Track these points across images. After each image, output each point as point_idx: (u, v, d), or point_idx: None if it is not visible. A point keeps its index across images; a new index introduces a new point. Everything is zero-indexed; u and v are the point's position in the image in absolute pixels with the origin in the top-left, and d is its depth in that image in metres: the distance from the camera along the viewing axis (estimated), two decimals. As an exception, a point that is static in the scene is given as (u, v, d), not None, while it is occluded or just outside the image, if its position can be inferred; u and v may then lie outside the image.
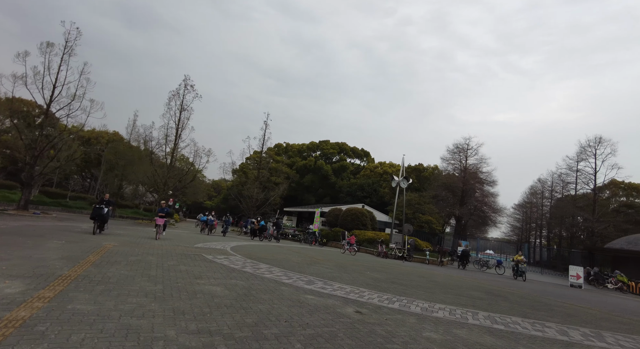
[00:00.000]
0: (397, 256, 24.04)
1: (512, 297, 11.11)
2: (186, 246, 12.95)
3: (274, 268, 10.02)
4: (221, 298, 5.77)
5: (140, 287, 5.79)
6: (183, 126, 30.88)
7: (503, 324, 6.57)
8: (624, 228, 35.17)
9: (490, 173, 41.94)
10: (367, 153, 71.62)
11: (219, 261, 9.94)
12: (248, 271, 8.90)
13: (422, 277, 13.55)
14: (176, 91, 30.68)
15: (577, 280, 21.37)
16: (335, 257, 17.70)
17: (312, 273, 10.01)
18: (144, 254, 9.59)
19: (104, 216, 13.45)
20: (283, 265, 11.10)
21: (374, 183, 53.69)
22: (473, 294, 10.50)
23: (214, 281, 7.06)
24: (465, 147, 43.47)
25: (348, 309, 6.11)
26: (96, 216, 13.31)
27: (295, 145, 70.17)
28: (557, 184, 52.29)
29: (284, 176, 47.68)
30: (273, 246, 20.14)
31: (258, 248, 16.83)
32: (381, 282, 10.24)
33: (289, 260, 12.91)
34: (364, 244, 28.03)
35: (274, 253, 14.85)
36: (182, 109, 30.90)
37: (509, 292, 12.60)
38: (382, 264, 17.78)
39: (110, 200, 14.44)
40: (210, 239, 18.92)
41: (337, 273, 10.99)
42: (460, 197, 41.36)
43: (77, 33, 21.30)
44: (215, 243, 16.47)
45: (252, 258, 11.67)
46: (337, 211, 35.02)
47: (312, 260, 14.31)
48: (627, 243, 28.53)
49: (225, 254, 11.98)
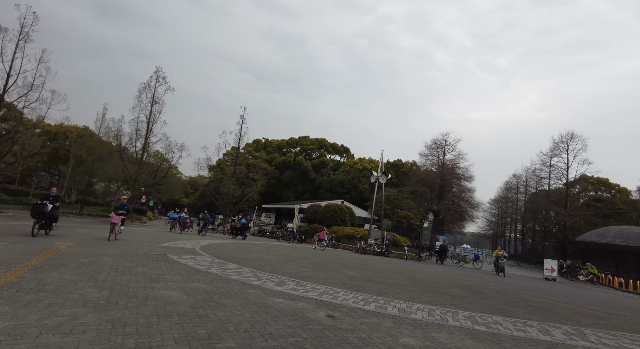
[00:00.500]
0: (376, 252, 23.78)
1: (490, 293, 10.89)
2: (151, 246, 12.11)
3: (243, 268, 9.38)
4: (175, 304, 5.12)
5: (81, 294, 5.06)
6: (155, 120, 29.65)
7: (484, 325, 6.19)
8: (593, 222, 36.27)
9: (468, 169, 42.45)
10: (347, 149, 71.45)
11: (184, 262, 9.21)
12: (214, 272, 8.23)
13: (400, 274, 13.20)
14: (147, 83, 29.40)
15: (551, 273, 21.68)
16: (312, 254, 17.18)
17: (285, 273, 9.43)
18: (100, 255, 8.76)
19: (46, 213, 11.07)
20: (254, 264, 10.47)
21: (354, 179, 53.51)
22: (452, 291, 10.19)
23: (172, 285, 6.37)
24: (443, 142, 43.75)
25: (319, 314, 5.58)
26: (37, 213, 10.92)
27: (274, 141, 69.21)
28: (532, 179, 53.61)
29: (262, 172, 46.84)
30: (248, 244, 19.44)
31: (230, 246, 16.10)
32: (358, 281, 9.77)
33: (262, 258, 12.28)
34: (342, 240, 27.66)
35: (246, 252, 14.17)
36: (154, 102, 29.61)
37: (487, 288, 12.42)
38: (360, 260, 17.40)
39: (57, 195, 12.09)
40: (182, 237, 18.05)
41: (312, 271, 10.46)
42: (438, 192, 41.64)
43: (34, 18, 19.85)
44: (185, 242, 15.64)
45: (221, 258, 10.98)
46: (316, 208, 34.54)
47: (287, 258, 13.73)
48: (597, 236, 29.33)
49: (192, 254, 11.24)
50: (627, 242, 26.85)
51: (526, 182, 58.82)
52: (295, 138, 68.29)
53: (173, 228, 23.28)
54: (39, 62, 19.64)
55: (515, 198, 65.53)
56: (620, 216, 40.55)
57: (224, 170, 44.90)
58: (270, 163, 60.76)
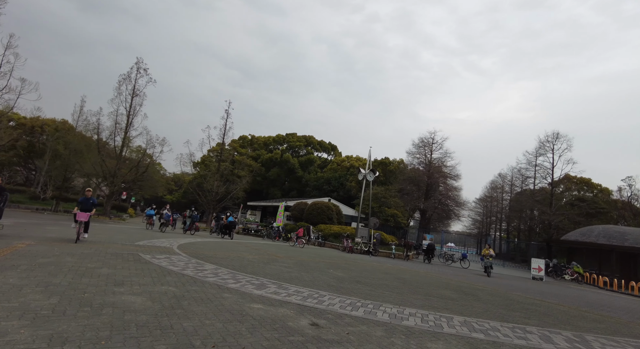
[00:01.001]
0: (363, 251, 23.31)
1: (483, 295, 10.46)
2: (124, 245, 11.29)
3: (221, 269, 8.69)
4: (136, 313, 4.43)
5: (23, 303, 4.32)
6: (135, 113, 28.47)
7: (482, 332, 5.68)
8: (577, 221, 36.64)
9: (455, 167, 42.39)
10: (334, 147, 70.91)
11: (156, 262, 8.48)
12: (188, 274, 7.53)
13: (388, 274, 12.70)
14: (127, 75, 28.16)
15: (538, 272, 21.58)
16: (297, 254, 16.56)
17: (267, 274, 8.79)
18: (63, 254, 7.96)
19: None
20: (234, 264, 9.79)
21: (341, 176, 53.04)
22: (444, 293, 9.72)
23: (137, 289, 5.67)
24: (430, 140, 43.61)
25: (302, 322, 4.97)
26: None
27: (261, 138, 68.17)
28: (517, 178, 54.10)
29: (248, 169, 45.92)
30: (230, 243, 18.68)
31: (211, 245, 15.34)
32: (345, 282, 9.20)
33: (243, 258, 11.59)
34: (329, 238, 27.12)
35: (228, 251, 13.46)
36: (134, 94, 28.43)
37: (478, 289, 12.02)
38: (348, 260, 16.87)
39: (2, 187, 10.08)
40: (162, 236, 17.18)
41: (296, 272, 9.84)
42: (425, 191, 41.52)
43: (1, 0, 18.57)
44: (164, 240, 14.81)
45: (199, 258, 10.25)
46: (303, 205, 33.90)
47: (271, 257, 13.08)
48: (581, 235, 29.53)
49: (168, 253, 10.48)
50: (610, 241, 27.06)
51: (511, 181, 59.41)
52: (283, 135, 67.39)
53: (150, 226, 21.54)
54: (7, 48, 18.42)
55: (501, 198, 66.19)
56: (602, 215, 41.16)
57: (208, 167, 43.82)
58: (256, 160, 59.75)
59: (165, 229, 21.37)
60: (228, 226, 22.22)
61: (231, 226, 22.22)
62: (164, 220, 21.50)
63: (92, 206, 10.87)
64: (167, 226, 21.60)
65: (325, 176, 55.42)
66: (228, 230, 22.16)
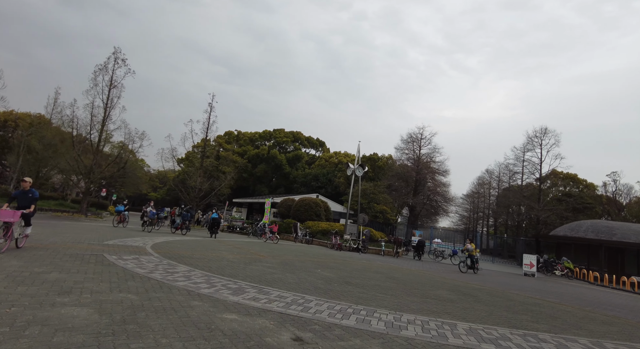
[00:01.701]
0: (352, 248, 22.58)
1: (482, 295, 9.79)
2: (91, 244, 10.22)
3: (195, 271, 7.77)
4: (72, 331, 3.51)
5: None
6: (113, 105, 27.01)
7: (492, 342, 4.92)
8: (565, 216, 36.67)
9: (444, 163, 42.03)
10: (322, 143, 70.07)
11: (121, 264, 7.49)
12: (155, 277, 6.59)
13: (379, 273, 11.94)
14: (104, 65, 26.68)
15: (530, 268, 21.20)
16: (282, 252, 15.68)
17: (247, 276, 7.90)
18: (7, 257, 6.91)
19: None
20: (211, 266, 8.86)
21: (329, 173, 52.25)
22: (441, 294, 8.99)
23: (86, 299, 4.72)
24: (419, 136, 43.15)
25: (283, 336, 4.11)
26: None
27: (247, 133, 66.83)
28: (505, 174, 54.17)
29: (233, 165, 44.72)
30: (212, 242, 17.65)
31: (189, 244, 14.32)
32: (333, 283, 8.38)
33: (223, 258, 10.66)
34: (317, 235, 26.31)
35: (207, 250, 12.49)
36: (112, 86, 26.99)
37: (475, 288, 11.37)
38: (336, 258, 16.08)
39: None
40: (137, 234, 16.04)
41: (280, 273, 8.97)
42: (414, 187, 41.08)
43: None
44: (138, 239, 13.74)
45: (172, 258, 9.29)
46: (290, 202, 32.98)
47: (254, 257, 12.17)
48: (570, 230, 29.43)
49: (138, 253, 9.48)
50: (598, 236, 26.98)
51: (499, 177, 59.58)
52: (270, 130, 66.18)
53: (121, 223, 19.54)
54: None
55: (488, 193, 66.49)
56: (588, 210, 41.41)
57: (192, 163, 42.47)
58: (242, 156, 58.43)
59: (151, 229, 19.27)
60: (212, 224, 20.62)
61: (215, 224, 20.59)
62: (148, 218, 19.30)
63: (30, 202, 8.00)
64: (151, 226, 19.39)
65: (313, 173, 54.56)
66: (212, 228, 20.62)
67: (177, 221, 19.91)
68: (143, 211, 19.99)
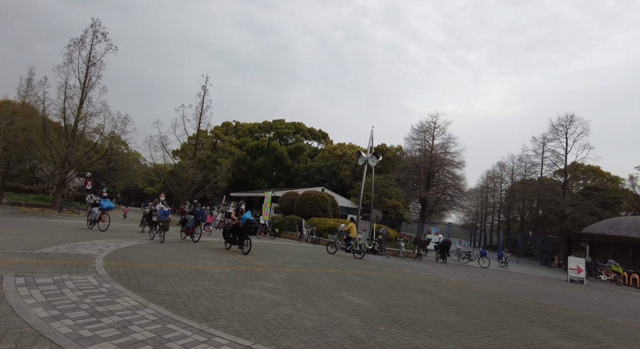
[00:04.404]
0: (367, 250, 19.38)
1: (583, 329, 6.54)
2: (12, 254, 6.97)
3: (147, 308, 4.50)
4: None
5: None
6: (92, 85, 23.68)
7: None
8: (594, 212, 33.42)
9: (459, 154, 38.58)
10: (325, 134, 66.75)
11: (13, 300, 4.24)
12: (56, 331, 3.33)
13: (426, 293, 8.70)
14: (81, 39, 23.29)
15: (577, 273, 17.98)
16: (287, 258, 12.44)
17: (235, 316, 4.65)
18: None
19: None
20: (179, 291, 5.58)
21: (333, 165, 48.95)
22: (524, 328, 5.76)
23: None
24: (432, 125, 39.77)
25: None
26: None
27: (246, 125, 63.46)
28: (520, 167, 50.92)
29: (231, 157, 41.44)
30: (196, 245, 14.45)
31: (164, 250, 11.09)
32: (375, 323, 5.16)
33: (204, 274, 7.38)
34: (324, 234, 23.11)
35: (184, 260, 9.26)
36: (91, 63, 23.63)
37: (557, 312, 8.13)
38: (356, 266, 12.87)
39: None
40: (104, 236, 12.79)
41: (288, 304, 5.72)
42: (427, 179, 37.84)
43: None
44: (101, 241, 10.51)
45: (123, 277, 6.03)
46: (293, 196, 29.77)
47: (248, 269, 8.94)
48: (608, 228, 26.22)
49: (75, 270, 6.22)
50: (643, 234, 23.80)
51: (512, 170, 56.39)
52: (269, 121, 62.76)
53: (93, 224, 13.85)
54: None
55: (500, 188, 63.35)
56: (616, 206, 38.19)
57: (187, 155, 39.18)
58: (241, 148, 55.11)
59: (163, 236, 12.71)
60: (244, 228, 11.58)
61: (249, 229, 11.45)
62: (161, 219, 12.86)
63: None
64: (163, 230, 12.73)
65: (316, 166, 51.24)
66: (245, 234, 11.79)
67: (189, 220, 14.01)
68: (149, 209, 14.13)
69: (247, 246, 11.40)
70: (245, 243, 11.49)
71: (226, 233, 12.45)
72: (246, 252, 11.29)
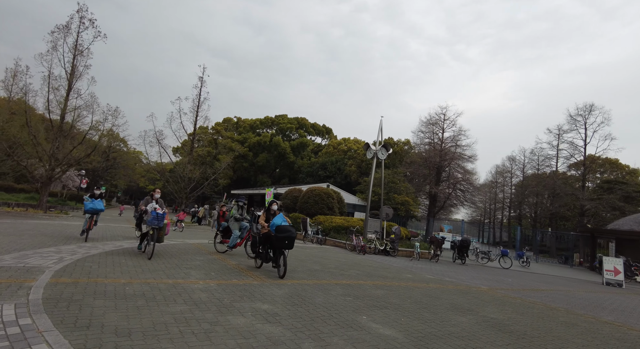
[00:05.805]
0: (379, 250, 17.66)
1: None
2: None
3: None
4: None
5: None
6: (79, 75, 22.06)
7: None
8: (617, 206, 31.44)
9: (471, 147, 36.70)
10: (329, 130, 64.93)
11: None
12: None
13: (467, 312, 6.96)
14: (66, 25, 21.64)
15: (615, 276, 16.14)
16: (290, 265, 10.74)
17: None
18: None
19: None
20: (132, 326, 3.88)
21: (338, 161, 47.15)
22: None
23: None
24: (441, 117, 37.91)
25: None
26: None
27: (247, 121, 61.74)
28: (532, 160, 48.90)
29: (232, 153, 39.78)
30: (185, 247, 12.77)
31: (138, 258, 9.39)
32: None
33: (182, 292, 5.67)
34: (331, 233, 21.40)
35: (162, 271, 7.57)
36: (77, 52, 22.00)
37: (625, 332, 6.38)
38: (371, 272, 11.16)
39: None
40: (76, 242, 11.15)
41: (290, 342, 4.02)
42: (437, 174, 36.04)
43: None
44: (73, 246, 8.87)
45: (61, 302, 4.33)
46: (296, 193, 28.07)
47: (241, 282, 7.24)
48: (637, 224, 24.31)
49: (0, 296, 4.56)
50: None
51: (523, 164, 54.35)
52: (272, 117, 61.04)
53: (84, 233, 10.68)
54: None
55: (510, 182, 61.34)
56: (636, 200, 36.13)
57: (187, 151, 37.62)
58: (242, 144, 53.44)
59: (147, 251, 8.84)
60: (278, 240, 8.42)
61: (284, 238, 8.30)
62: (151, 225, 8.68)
63: None
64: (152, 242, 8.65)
65: (320, 161, 49.47)
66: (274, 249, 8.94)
67: (235, 232, 10.55)
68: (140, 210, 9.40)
69: (283, 265, 7.94)
70: (280, 262, 8.06)
71: (255, 244, 9.38)
72: (282, 275, 7.88)
